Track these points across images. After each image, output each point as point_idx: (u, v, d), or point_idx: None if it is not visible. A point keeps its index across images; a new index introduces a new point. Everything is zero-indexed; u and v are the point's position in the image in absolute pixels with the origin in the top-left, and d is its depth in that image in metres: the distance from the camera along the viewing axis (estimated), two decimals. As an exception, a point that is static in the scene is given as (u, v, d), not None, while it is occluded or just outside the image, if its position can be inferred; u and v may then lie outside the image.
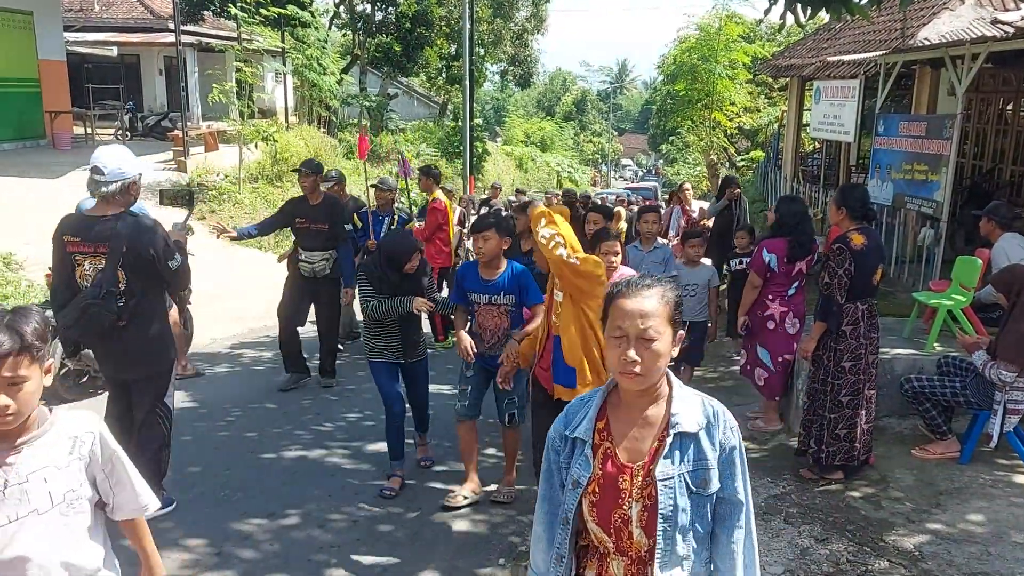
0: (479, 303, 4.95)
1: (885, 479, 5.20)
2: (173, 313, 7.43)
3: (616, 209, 11.85)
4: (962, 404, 5.29)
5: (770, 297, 6.02)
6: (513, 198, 14.85)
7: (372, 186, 8.35)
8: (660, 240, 7.05)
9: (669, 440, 2.03)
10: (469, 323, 5.06)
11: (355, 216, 8.21)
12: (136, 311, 4.34)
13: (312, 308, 7.49)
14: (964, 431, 5.49)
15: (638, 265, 5.70)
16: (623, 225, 11.65)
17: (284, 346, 7.33)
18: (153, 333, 4.44)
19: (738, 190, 10.27)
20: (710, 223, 10.60)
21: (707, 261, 7.30)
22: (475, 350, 4.89)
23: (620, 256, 4.68)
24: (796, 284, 6.10)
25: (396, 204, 8.54)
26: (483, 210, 11.36)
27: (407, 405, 5.39)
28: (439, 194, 9.05)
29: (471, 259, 5.36)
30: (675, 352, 2.07)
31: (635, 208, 17.56)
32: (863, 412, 5.05)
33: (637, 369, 2.00)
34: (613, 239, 4.67)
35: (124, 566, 4.07)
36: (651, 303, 2.03)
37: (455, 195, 11.30)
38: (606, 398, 2.17)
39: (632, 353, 1.99)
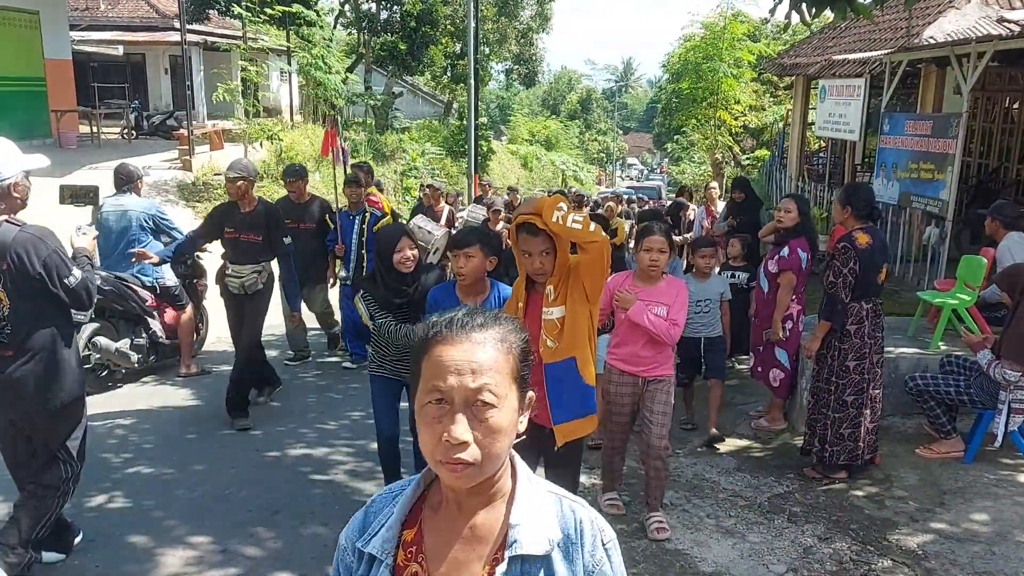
0: None
1: (889, 478, 5.19)
2: (188, 311, 7.48)
3: (607, 205, 11.56)
4: (966, 403, 5.29)
5: (792, 298, 6.03)
6: (507, 196, 14.47)
7: (345, 182, 7.82)
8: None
9: (502, 568, 1.37)
10: None
11: (327, 218, 7.73)
12: (26, 339, 3.65)
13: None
14: (968, 430, 5.49)
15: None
16: (619, 221, 11.07)
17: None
18: (50, 365, 3.70)
19: (739, 194, 9.54)
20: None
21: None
22: None
23: (667, 257, 4.40)
24: (806, 282, 6.16)
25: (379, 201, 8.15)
26: (475, 208, 10.73)
27: (404, 428, 4.80)
28: (373, 189, 8.48)
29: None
30: (522, 425, 1.43)
31: (635, 207, 17.55)
32: (867, 412, 5.05)
33: (466, 455, 1.32)
34: (660, 234, 4.39)
35: (131, 563, 4.10)
36: (485, 353, 1.37)
37: (443, 191, 11.03)
38: (420, 495, 1.48)
39: (458, 430, 1.32)
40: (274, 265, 6.48)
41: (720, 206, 10.99)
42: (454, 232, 11.27)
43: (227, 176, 6.13)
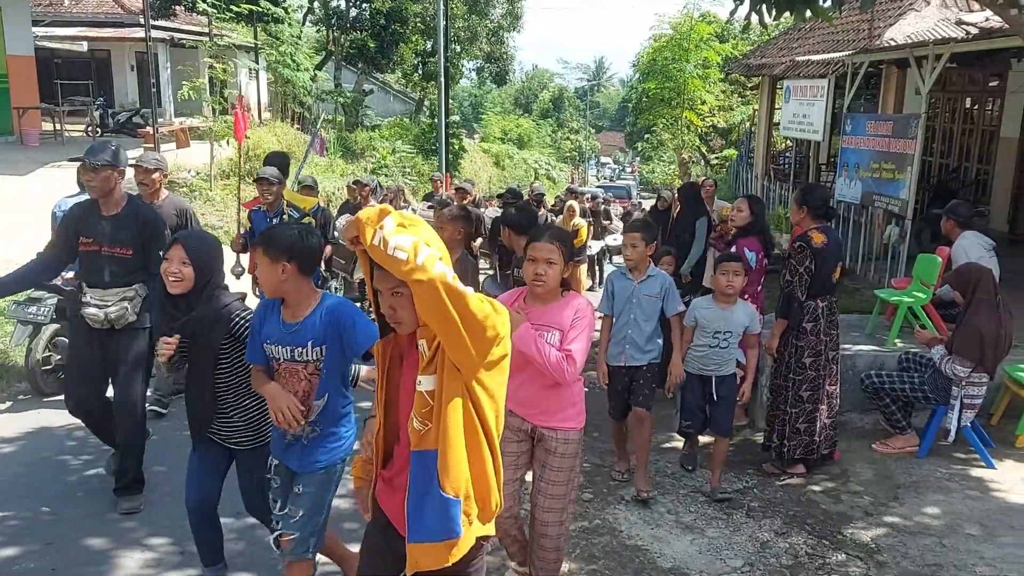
0: (279, 360, 3.23)
1: (845, 473, 5.29)
2: None
3: (568, 204, 10.77)
4: (920, 399, 5.40)
5: (744, 295, 6.07)
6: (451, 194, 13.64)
7: (254, 180, 6.75)
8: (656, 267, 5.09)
9: None
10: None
11: (247, 217, 6.91)
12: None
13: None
14: (923, 426, 5.60)
15: (627, 297, 4.86)
16: (579, 222, 10.46)
17: (98, 432, 4.97)
18: None
19: (663, 202, 9.10)
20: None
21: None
22: (297, 424, 3.17)
23: (558, 270, 3.41)
24: (763, 280, 6.22)
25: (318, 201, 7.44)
26: (425, 209, 10.10)
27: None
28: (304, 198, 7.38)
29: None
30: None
31: (610, 207, 17.49)
32: (823, 407, 5.14)
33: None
34: (548, 240, 3.44)
35: (88, 566, 4.05)
36: None
37: (372, 188, 10.09)
38: None
39: None
40: None
41: (718, 206, 9.76)
42: None
43: (82, 163, 4.64)
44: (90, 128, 18.61)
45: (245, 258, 7.13)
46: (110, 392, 4.74)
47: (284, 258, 3.10)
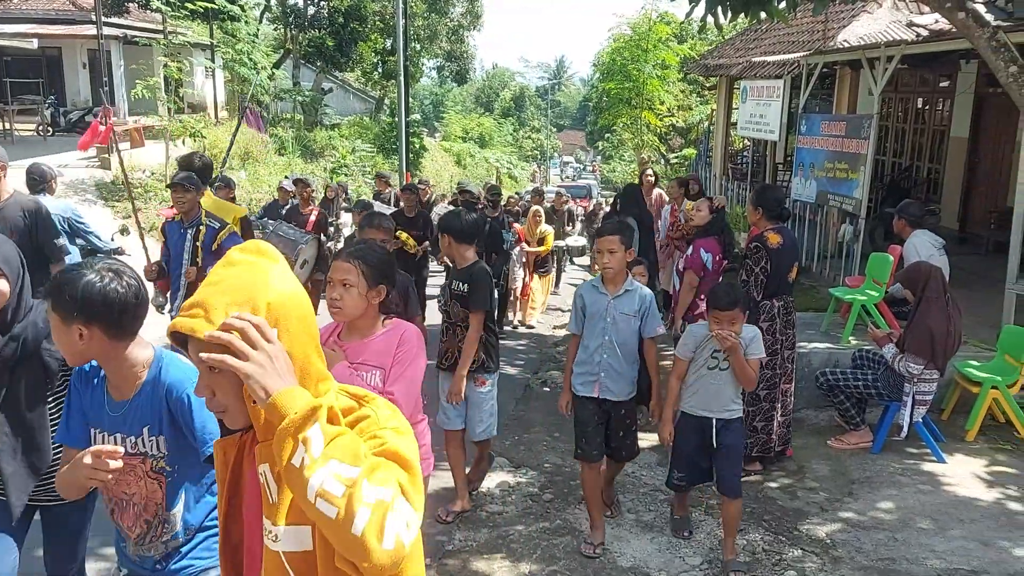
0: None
1: (802, 469, 5.37)
2: None
3: (532, 209, 10.62)
4: (874, 396, 5.50)
5: (701, 296, 6.11)
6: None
7: (169, 185, 5.88)
8: (634, 280, 4.41)
9: None
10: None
11: (161, 230, 5.90)
12: None
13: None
14: (876, 422, 5.70)
15: (599, 313, 4.22)
16: (545, 229, 10.33)
17: None
18: None
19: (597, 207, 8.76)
20: None
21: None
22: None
23: (359, 294, 2.87)
24: (720, 280, 6.27)
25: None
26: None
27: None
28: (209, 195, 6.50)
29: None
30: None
31: (575, 207, 17.34)
32: (779, 406, 5.21)
33: None
34: (347, 260, 2.89)
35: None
36: None
37: (316, 186, 9.60)
38: None
39: None
40: None
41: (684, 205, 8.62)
42: (330, 241, 9.77)
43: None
44: (41, 127, 18.25)
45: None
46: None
47: (79, 319, 2.17)
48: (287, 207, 9.10)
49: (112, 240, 7.57)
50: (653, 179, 10.11)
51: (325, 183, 12.32)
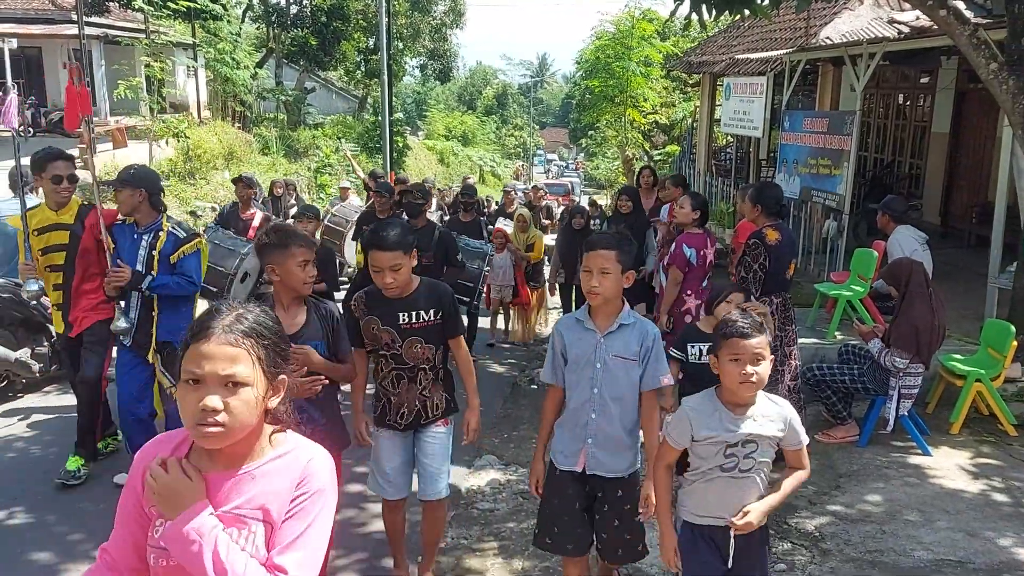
0: None
1: (790, 464, 5.41)
2: None
3: (518, 213, 9.54)
4: (860, 390, 5.56)
5: (688, 292, 6.12)
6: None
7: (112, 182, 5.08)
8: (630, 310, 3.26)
9: None
10: None
11: (107, 233, 4.87)
12: None
13: None
14: (863, 416, 5.76)
15: (585, 357, 3.17)
16: (535, 233, 9.38)
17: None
18: None
19: (626, 203, 8.00)
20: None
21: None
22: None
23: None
24: (708, 276, 6.28)
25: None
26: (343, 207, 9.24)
27: None
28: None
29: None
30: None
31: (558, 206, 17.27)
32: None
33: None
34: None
35: None
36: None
37: (257, 186, 8.94)
38: None
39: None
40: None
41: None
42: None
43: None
44: (21, 128, 18.07)
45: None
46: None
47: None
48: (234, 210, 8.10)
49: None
50: (652, 180, 8.98)
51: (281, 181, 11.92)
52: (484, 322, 9.22)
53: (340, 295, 7.44)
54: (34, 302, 5.15)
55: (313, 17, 27.21)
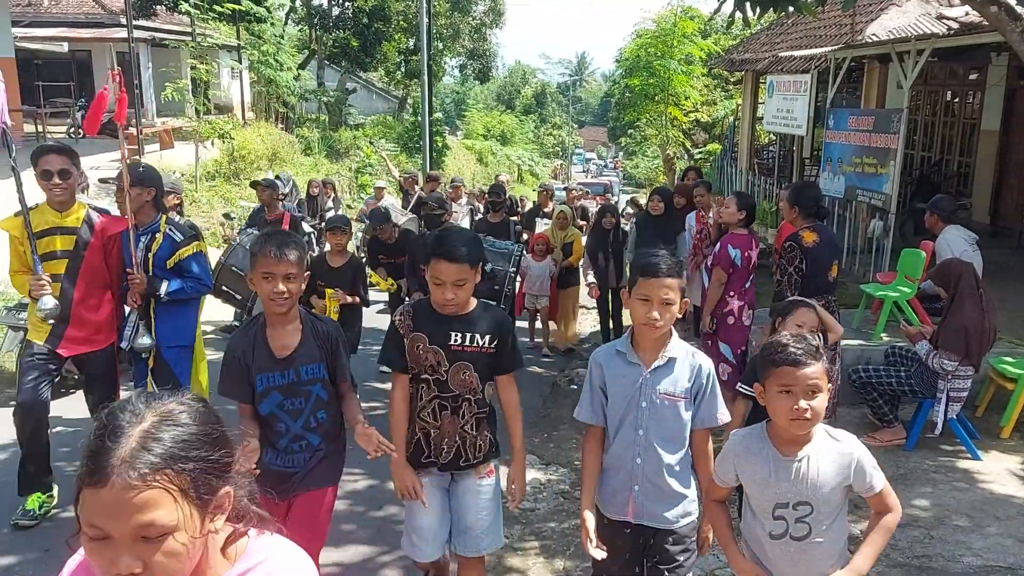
0: None
1: (835, 467, 5.34)
2: None
3: (558, 210, 9.18)
4: (907, 393, 5.47)
5: (731, 293, 6.06)
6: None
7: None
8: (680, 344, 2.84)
9: None
10: None
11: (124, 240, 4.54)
12: None
13: None
14: (910, 419, 5.67)
15: (628, 395, 2.77)
16: (575, 232, 8.93)
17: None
18: None
19: (658, 204, 7.73)
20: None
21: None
22: None
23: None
24: (751, 277, 6.22)
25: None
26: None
27: None
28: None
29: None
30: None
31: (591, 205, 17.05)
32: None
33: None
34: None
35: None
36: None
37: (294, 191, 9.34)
38: None
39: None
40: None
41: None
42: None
43: None
44: (72, 129, 18.52)
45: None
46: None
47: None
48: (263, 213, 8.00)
49: None
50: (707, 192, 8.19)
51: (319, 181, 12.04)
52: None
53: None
54: (51, 321, 4.34)
55: (355, 19, 27.49)
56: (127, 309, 4.64)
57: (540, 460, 5.72)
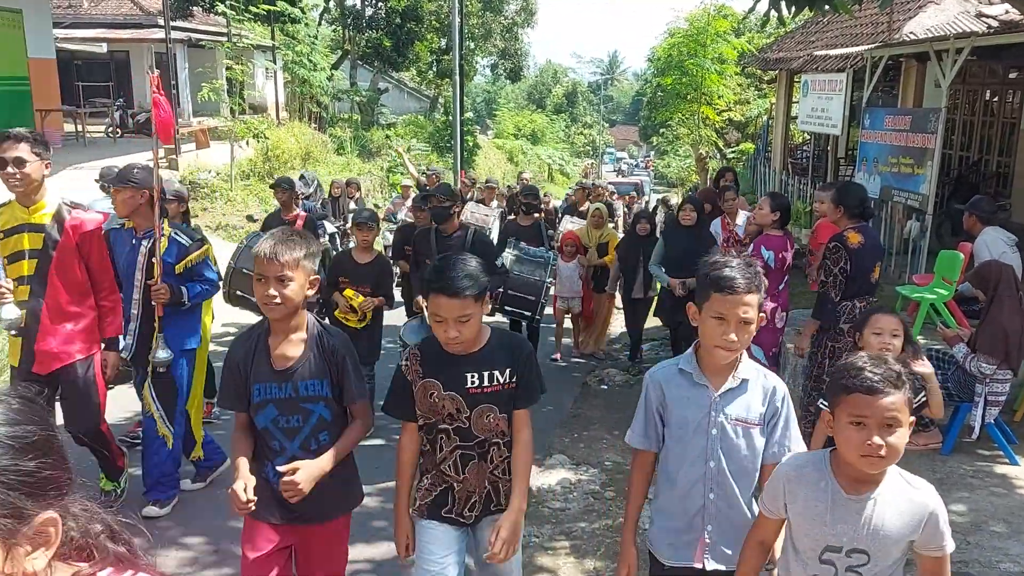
0: None
1: (869, 470, 5.29)
2: None
3: (593, 208, 8.86)
4: (944, 396, 5.39)
5: (766, 295, 5.98)
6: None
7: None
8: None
9: None
10: None
11: (105, 238, 4.41)
12: None
13: None
14: (946, 423, 5.60)
15: (695, 421, 2.45)
16: (611, 232, 8.70)
17: None
18: None
19: (690, 214, 7.10)
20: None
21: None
22: None
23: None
24: (786, 279, 6.16)
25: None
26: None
27: None
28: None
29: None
30: None
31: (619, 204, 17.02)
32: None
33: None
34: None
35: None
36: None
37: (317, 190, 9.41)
38: None
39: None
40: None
41: (742, 218, 7.74)
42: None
43: None
44: (110, 129, 18.85)
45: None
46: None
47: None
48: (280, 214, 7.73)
49: None
50: (735, 195, 8.08)
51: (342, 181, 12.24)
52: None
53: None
54: (13, 331, 4.02)
55: (387, 19, 27.66)
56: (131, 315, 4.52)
57: (571, 460, 5.72)
